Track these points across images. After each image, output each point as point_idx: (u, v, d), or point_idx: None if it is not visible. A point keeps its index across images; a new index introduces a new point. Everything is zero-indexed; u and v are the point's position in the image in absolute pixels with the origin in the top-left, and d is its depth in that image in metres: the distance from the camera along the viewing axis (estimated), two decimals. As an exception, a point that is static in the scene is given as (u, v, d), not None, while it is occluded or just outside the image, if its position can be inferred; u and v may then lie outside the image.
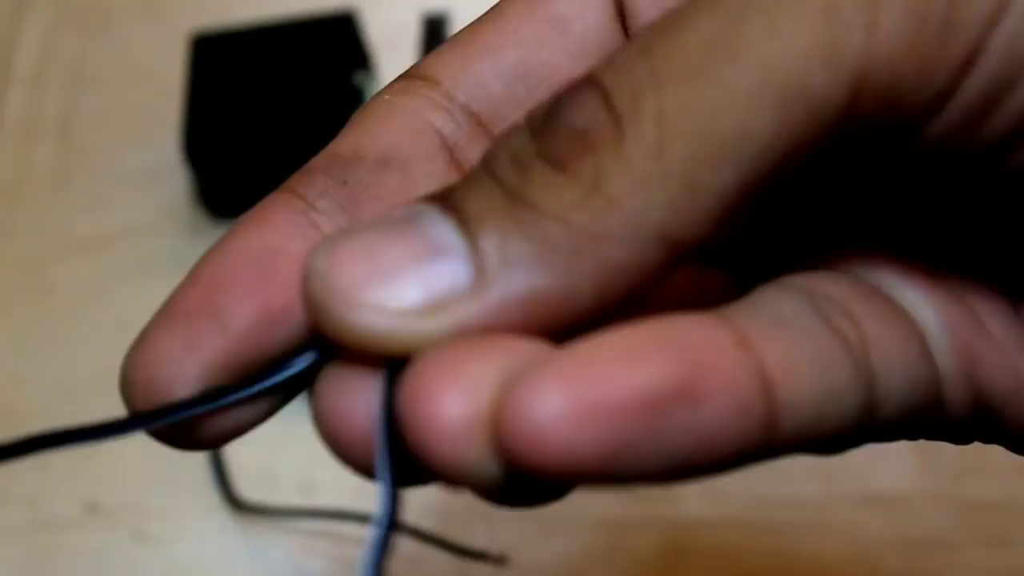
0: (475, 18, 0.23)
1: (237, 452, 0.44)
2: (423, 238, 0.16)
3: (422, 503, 0.42)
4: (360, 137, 0.20)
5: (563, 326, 0.16)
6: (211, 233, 0.49)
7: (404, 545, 0.41)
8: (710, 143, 0.15)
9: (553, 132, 0.16)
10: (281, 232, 0.18)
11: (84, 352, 0.46)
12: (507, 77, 0.21)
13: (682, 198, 0.16)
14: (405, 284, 0.16)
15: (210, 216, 0.49)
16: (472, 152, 0.20)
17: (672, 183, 0.16)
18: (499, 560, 0.41)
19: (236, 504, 0.42)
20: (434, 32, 0.48)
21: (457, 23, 0.50)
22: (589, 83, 0.16)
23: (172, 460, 0.44)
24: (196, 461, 0.44)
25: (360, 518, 0.41)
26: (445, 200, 0.17)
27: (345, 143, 0.20)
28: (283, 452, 0.44)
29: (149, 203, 0.50)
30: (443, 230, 0.16)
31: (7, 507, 0.44)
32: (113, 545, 0.43)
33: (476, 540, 0.42)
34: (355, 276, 0.16)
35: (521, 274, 0.16)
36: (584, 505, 0.42)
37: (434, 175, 0.20)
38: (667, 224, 0.16)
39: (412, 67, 0.21)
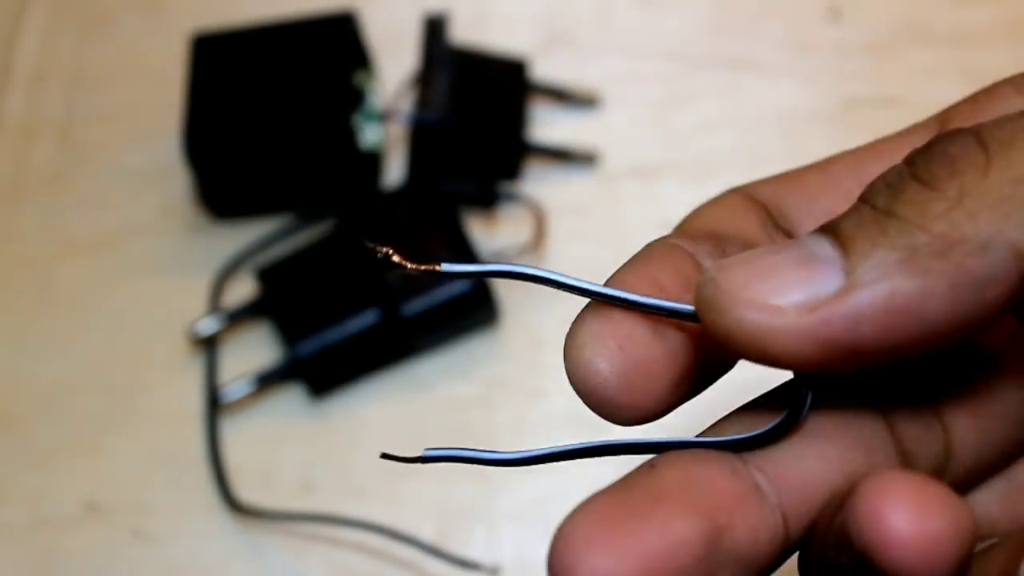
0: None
1: (237, 452, 0.44)
2: (803, 250, 0.19)
3: (421, 506, 0.42)
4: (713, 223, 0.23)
5: (917, 335, 0.18)
6: (211, 233, 0.49)
7: (399, 551, 0.41)
8: None
9: (927, 158, 0.19)
10: (669, 269, 0.21)
11: (84, 352, 0.46)
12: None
13: None
14: (785, 286, 0.19)
15: (210, 216, 0.49)
16: None
17: None
18: (492, 571, 0.41)
19: (235, 506, 0.42)
20: (434, 32, 0.48)
21: (457, 23, 0.50)
22: (965, 129, 0.18)
23: (172, 460, 0.44)
24: (196, 461, 0.44)
25: (358, 524, 0.41)
26: (824, 227, 0.19)
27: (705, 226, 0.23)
28: (283, 452, 0.44)
29: (149, 203, 0.50)
30: (821, 245, 0.19)
31: (7, 507, 0.44)
32: (113, 545, 0.43)
33: (476, 542, 0.42)
34: (741, 278, 0.19)
35: (886, 278, 0.18)
36: (584, 505, 0.42)
37: None
38: (1021, 241, 0.18)
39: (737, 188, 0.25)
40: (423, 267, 0.20)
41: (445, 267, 0.20)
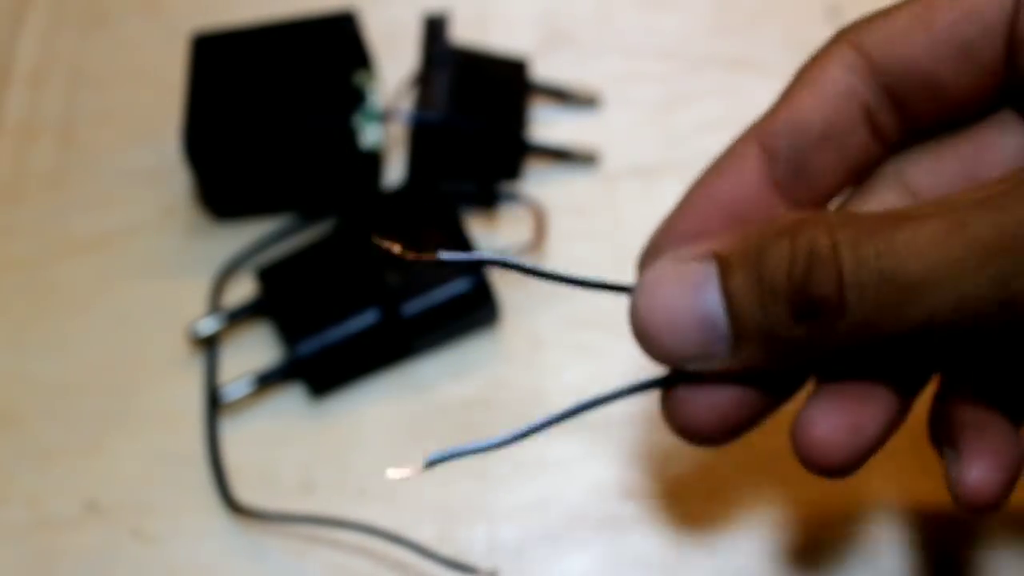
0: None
1: (237, 452, 0.44)
2: (706, 314, 0.25)
3: (421, 506, 0.42)
4: (809, 104, 0.27)
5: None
6: (211, 233, 0.49)
7: (399, 553, 0.41)
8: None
9: (799, 291, 0.24)
10: (755, 188, 0.28)
11: (84, 352, 0.46)
12: (930, 50, 0.27)
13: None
14: (685, 341, 0.26)
15: (210, 216, 0.49)
16: (886, 118, 0.27)
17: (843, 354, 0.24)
18: (491, 573, 0.40)
19: (234, 507, 0.42)
20: (434, 32, 0.48)
21: (457, 23, 0.50)
22: (834, 262, 0.23)
23: (172, 460, 0.44)
24: (196, 461, 0.44)
25: (357, 526, 0.41)
26: (728, 301, 0.25)
27: (799, 108, 0.28)
28: (283, 452, 0.44)
29: (149, 203, 0.50)
30: (718, 311, 0.25)
31: (7, 507, 0.44)
32: (113, 545, 0.43)
33: (477, 540, 0.42)
34: (658, 322, 0.26)
35: (753, 355, 0.26)
36: (585, 505, 0.42)
37: (860, 154, 0.28)
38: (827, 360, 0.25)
39: (844, 31, 0.28)
40: (423, 256, 0.25)
41: (442, 255, 0.24)
